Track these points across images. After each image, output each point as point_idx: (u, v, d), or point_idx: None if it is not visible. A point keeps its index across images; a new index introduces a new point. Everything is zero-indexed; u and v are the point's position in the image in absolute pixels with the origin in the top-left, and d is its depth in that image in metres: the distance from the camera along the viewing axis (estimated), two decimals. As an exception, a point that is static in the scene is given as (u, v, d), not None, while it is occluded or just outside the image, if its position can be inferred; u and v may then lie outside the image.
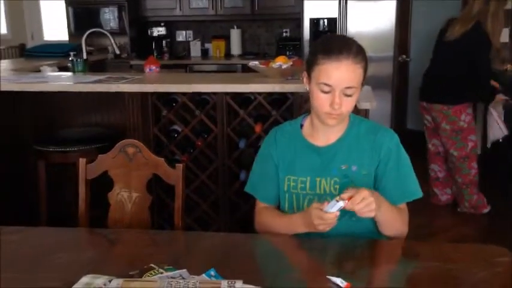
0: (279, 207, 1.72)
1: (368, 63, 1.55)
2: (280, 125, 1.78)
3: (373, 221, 1.58)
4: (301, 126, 1.69)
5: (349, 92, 1.49)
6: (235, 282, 1.22)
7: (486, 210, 3.59)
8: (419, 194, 1.60)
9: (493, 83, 3.53)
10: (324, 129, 1.61)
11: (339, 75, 1.47)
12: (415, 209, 1.60)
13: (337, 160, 1.60)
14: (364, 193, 1.39)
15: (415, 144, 3.97)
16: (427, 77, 3.61)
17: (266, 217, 1.69)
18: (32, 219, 2.82)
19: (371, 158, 1.59)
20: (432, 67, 3.58)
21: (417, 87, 3.77)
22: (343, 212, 1.56)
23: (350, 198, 1.39)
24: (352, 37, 1.57)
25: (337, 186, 1.58)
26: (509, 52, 4.20)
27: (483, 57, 3.30)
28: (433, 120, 3.56)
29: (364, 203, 1.38)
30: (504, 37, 4.29)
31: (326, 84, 1.49)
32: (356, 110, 2.42)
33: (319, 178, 1.60)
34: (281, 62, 2.73)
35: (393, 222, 1.55)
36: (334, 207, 1.40)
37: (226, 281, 1.23)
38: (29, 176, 2.91)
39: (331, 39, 1.59)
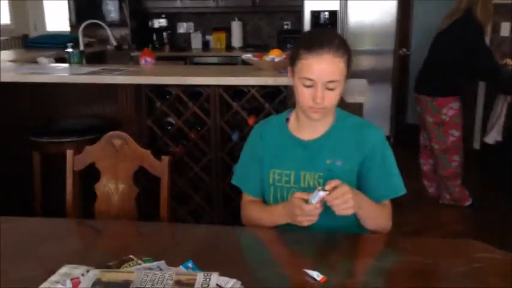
0: (264, 201, 1.73)
1: (352, 56, 1.54)
2: (266, 118, 1.79)
3: (355, 215, 1.58)
4: (287, 120, 1.69)
5: (331, 85, 1.49)
6: (211, 274, 1.23)
7: (468, 203, 3.64)
8: (402, 191, 1.60)
9: None
10: (310, 123, 1.61)
11: (320, 69, 1.47)
12: (409, 203, 1.60)
13: (322, 154, 1.60)
14: (345, 189, 1.40)
15: (414, 138, 3.99)
16: (421, 68, 3.65)
17: (251, 210, 1.70)
18: (28, 210, 2.84)
19: (356, 153, 1.59)
20: (426, 59, 3.61)
21: (416, 84, 3.75)
22: (327, 204, 1.56)
23: (332, 190, 1.39)
24: (336, 31, 1.57)
25: (321, 181, 1.58)
26: (510, 46, 4.16)
27: (480, 42, 3.30)
28: (420, 111, 3.61)
29: (342, 200, 1.39)
30: (505, 31, 4.27)
31: (308, 79, 1.49)
32: (344, 105, 2.42)
33: (304, 172, 1.60)
34: (274, 55, 2.73)
35: (375, 219, 1.56)
36: (315, 197, 1.40)
37: (202, 273, 1.24)
38: (26, 166, 2.92)
39: (313, 34, 1.59)
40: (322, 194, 1.39)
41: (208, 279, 1.21)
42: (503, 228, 3.24)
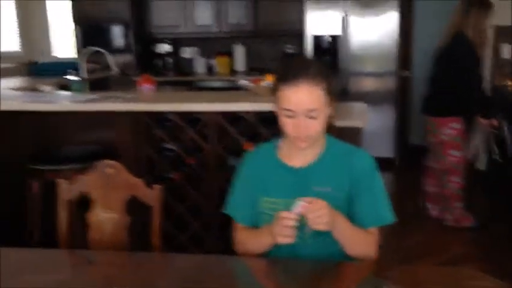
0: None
1: (332, 81, 1.54)
2: (254, 148, 1.79)
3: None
4: (277, 147, 1.69)
5: (312, 114, 1.49)
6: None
7: (469, 224, 3.58)
8: (391, 219, 1.58)
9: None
10: (299, 151, 1.61)
11: (297, 100, 1.48)
12: (412, 224, 1.57)
13: (312, 182, 1.59)
14: (321, 204, 1.41)
15: (418, 159, 3.97)
16: (428, 89, 3.67)
17: (242, 236, 1.69)
18: (29, 239, 2.85)
19: (345, 180, 1.58)
20: (430, 79, 3.63)
21: (420, 103, 3.75)
22: (317, 232, 1.55)
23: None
24: (313, 58, 1.57)
25: None
26: (510, 68, 4.15)
27: (468, 65, 3.32)
28: (426, 132, 3.63)
29: (317, 214, 1.39)
30: (506, 53, 4.26)
31: (288, 110, 1.50)
32: (338, 130, 2.41)
33: (293, 200, 1.59)
34: (270, 81, 2.73)
35: (355, 245, 1.53)
36: (294, 207, 1.42)
37: None
38: (26, 195, 2.94)
39: (289, 64, 1.58)
40: (300, 203, 1.40)
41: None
42: (504, 253, 3.18)
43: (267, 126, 2.75)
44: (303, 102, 1.47)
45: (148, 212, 1.86)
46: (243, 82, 2.91)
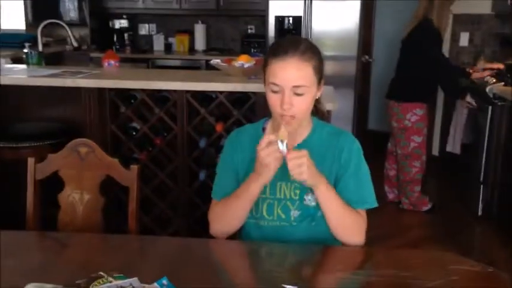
0: None
1: (323, 62, 1.52)
2: (241, 127, 1.74)
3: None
4: (263, 129, 1.66)
5: (298, 91, 1.46)
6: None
7: (426, 208, 3.72)
8: (374, 203, 1.58)
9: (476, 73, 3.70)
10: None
11: (285, 74, 1.45)
12: (371, 210, 1.58)
13: None
14: (303, 153, 1.41)
15: (375, 145, 4.04)
16: (394, 75, 3.72)
17: (218, 208, 1.62)
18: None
19: (332, 162, 1.57)
20: (396, 65, 3.68)
21: (379, 88, 3.82)
22: (303, 216, 1.54)
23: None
24: (307, 38, 1.55)
25: (298, 191, 1.56)
26: (468, 56, 4.29)
27: (435, 49, 3.40)
28: (389, 117, 3.68)
29: (297, 162, 1.39)
30: (463, 41, 4.39)
31: (274, 84, 1.47)
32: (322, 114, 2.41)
33: (280, 182, 1.57)
34: (243, 61, 2.69)
35: (340, 217, 1.51)
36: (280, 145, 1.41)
37: None
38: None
39: (282, 41, 1.56)
40: (285, 142, 1.40)
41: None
42: (461, 233, 3.32)
43: (239, 108, 2.71)
44: (290, 77, 1.45)
45: (120, 193, 1.79)
46: (215, 61, 2.84)
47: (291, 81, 1.45)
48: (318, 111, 1.68)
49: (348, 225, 1.53)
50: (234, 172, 1.64)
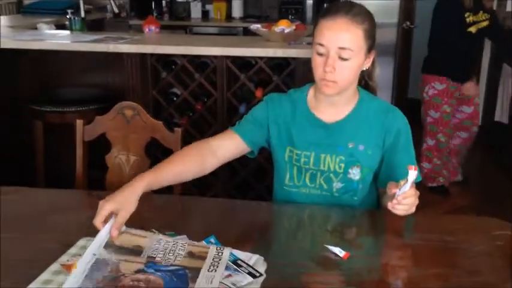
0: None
1: (375, 29, 1.47)
2: (286, 92, 1.68)
3: (375, 199, 1.57)
4: (307, 96, 1.59)
5: (344, 54, 1.40)
6: (223, 248, 1.21)
7: (431, 184, 3.50)
8: (419, 178, 1.55)
9: None
10: (329, 103, 1.53)
11: (331, 34, 1.40)
12: None
13: (344, 137, 1.53)
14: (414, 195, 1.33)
15: (415, 113, 3.96)
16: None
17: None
18: (30, 180, 2.80)
19: (379, 138, 1.54)
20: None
21: (421, 56, 3.70)
22: (346, 188, 1.54)
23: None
24: (361, 4, 1.50)
25: (342, 165, 1.53)
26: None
27: (436, 19, 3.26)
28: None
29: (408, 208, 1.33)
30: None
31: (320, 44, 1.42)
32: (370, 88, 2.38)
33: (324, 154, 1.54)
34: (284, 26, 2.67)
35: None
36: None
37: (215, 246, 1.22)
38: (27, 136, 2.88)
39: (335, 3, 1.51)
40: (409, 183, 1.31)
41: (220, 254, 1.19)
42: (501, 202, 3.23)
43: (279, 74, 2.70)
44: (336, 37, 1.39)
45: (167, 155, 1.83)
46: (255, 27, 2.82)
47: (337, 41, 1.39)
48: (368, 88, 1.62)
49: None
50: (263, 126, 1.59)
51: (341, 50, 1.40)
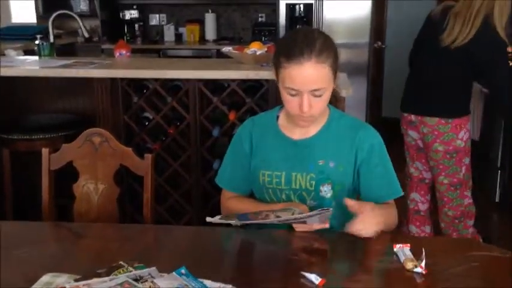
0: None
1: (338, 55, 1.47)
2: (255, 116, 1.73)
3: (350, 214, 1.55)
4: (277, 117, 1.63)
5: (317, 93, 1.43)
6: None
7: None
8: (401, 192, 1.58)
9: None
10: None
11: (303, 79, 1.40)
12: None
13: (314, 155, 1.54)
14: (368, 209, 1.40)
15: (391, 132, 3.98)
16: (415, 84, 2.77)
17: (232, 204, 1.66)
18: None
19: (350, 155, 1.54)
20: (422, 73, 2.74)
21: (393, 75, 3.73)
22: (319, 207, 1.51)
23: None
24: (319, 30, 1.51)
25: (313, 182, 1.53)
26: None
27: (502, 60, 2.54)
28: (423, 138, 2.71)
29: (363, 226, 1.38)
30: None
31: (292, 89, 1.43)
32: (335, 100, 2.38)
33: (295, 173, 1.54)
34: (256, 48, 2.66)
35: (389, 223, 1.52)
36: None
37: (218, 284, 1.18)
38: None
39: (293, 39, 1.46)
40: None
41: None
42: (478, 219, 3.12)
43: (252, 96, 2.68)
44: (308, 81, 1.40)
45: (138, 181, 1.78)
46: (227, 49, 2.82)
47: (310, 85, 1.41)
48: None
49: (391, 223, 1.54)
50: (244, 157, 1.62)
51: (314, 91, 1.42)
